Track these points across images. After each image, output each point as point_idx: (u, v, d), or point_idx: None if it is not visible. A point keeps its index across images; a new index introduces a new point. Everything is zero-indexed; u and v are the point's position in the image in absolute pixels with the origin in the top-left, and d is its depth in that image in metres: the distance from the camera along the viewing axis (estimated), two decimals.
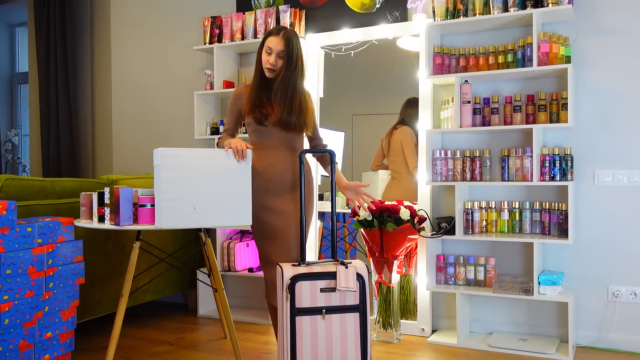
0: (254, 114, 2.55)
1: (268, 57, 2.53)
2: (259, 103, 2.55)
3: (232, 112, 2.68)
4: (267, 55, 2.53)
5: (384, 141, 3.75)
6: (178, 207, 2.48)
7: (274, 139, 2.57)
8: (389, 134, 3.71)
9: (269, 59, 2.52)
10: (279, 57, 2.51)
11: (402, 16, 3.55)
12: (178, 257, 3.63)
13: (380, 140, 3.77)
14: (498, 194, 3.33)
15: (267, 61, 2.53)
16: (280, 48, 2.50)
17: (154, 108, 4.58)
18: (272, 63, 2.51)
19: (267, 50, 2.53)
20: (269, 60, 2.52)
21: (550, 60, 3.03)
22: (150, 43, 4.59)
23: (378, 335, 3.31)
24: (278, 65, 2.52)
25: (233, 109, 2.67)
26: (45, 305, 2.59)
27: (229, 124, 2.69)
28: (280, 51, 2.51)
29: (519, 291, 3.06)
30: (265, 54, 2.54)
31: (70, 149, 4.86)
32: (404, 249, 3.28)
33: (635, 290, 3.07)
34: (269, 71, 2.54)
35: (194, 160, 2.50)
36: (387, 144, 3.72)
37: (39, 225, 2.57)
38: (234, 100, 2.67)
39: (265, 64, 2.53)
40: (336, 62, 3.79)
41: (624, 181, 3.10)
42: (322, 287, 2.38)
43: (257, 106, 2.55)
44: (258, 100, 2.56)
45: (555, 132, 3.22)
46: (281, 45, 2.50)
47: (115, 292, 3.38)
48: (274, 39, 2.52)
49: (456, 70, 3.32)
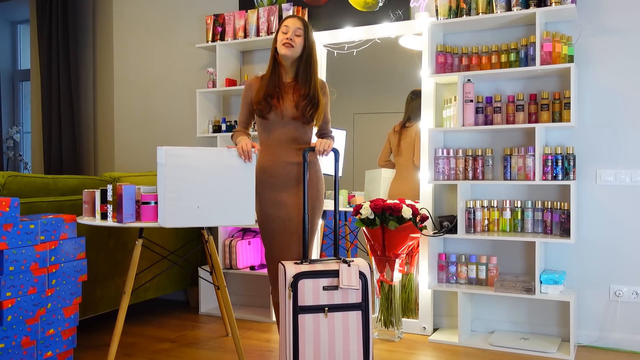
0: (258, 105, 2.53)
1: (284, 35, 2.50)
2: (271, 91, 2.52)
3: (244, 104, 2.67)
4: (284, 34, 2.50)
5: (392, 137, 3.71)
6: (182, 206, 2.48)
7: (282, 133, 2.56)
8: (398, 130, 3.67)
9: (285, 35, 2.49)
10: (296, 34, 2.49)
11: (404, 15, 3.55)
12: (180, 254, 3.63)
13: (388, 135, 3.74)
14: (500, 193, 3.33)
15: (284, 38, 2.48)
16: (297, 25, 2.50)
17: (156, 106, 4.58)
18: (290, 37, 2.48)
19: (284, 30, 2.51)
20: (286, 35, 2.48)
21: (553, 60, 3.03)
22: (152, 40, 4.59)
23: (380, 334, 3.31)
24: (296, 42, 2.49)
25: (245, 101, 2.67)
26: (47, 302, 2.59)
27: (242, 116, 2.69)
28: (297, 28, 2.49)
29: (521, 290, 3.06)
30: (281, 34, 2.51)
31: (72, 147, 4.87)
32: (406, 248, 3.28)
33: (636, 289, 3.07)
34: (285, 46, 2.49)
35: (198, 159, 2.50)
36: (396, 141, 3.68)
37: (42, 222, 2.57)
38: (245, 92, 2.66)
39: (282, 39, 2.49)
40: (338, 60, 3.79)
41: (627, 181, 3.10)
42: (324, 285, 2.39)
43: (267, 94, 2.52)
44: (270, 87, 2.53)
45: (558, 132, 3.22)
46: (298, 24, 2.50)
47: (117, 289, 3.39)
48: (291, 19, 2.53)
49: (459, 69, 3.32)
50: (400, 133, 3.66)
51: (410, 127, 3.61)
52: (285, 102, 2.54)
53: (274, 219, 2.58)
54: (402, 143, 3.65)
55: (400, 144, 3.66)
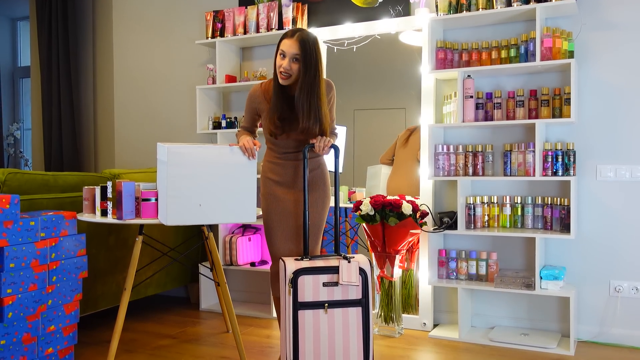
0: (271, 128, 2.49)
1: (282, 61, 2.39)
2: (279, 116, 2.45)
3: (248, 112, 2.66)
4: (281, 59, 2.39)
5: (402, 133, 3.68)
6: (184, 204, 2.49)
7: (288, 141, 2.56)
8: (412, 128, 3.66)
9: (282, 63, 2.38)
10: (293, 60, 2.37)
11: (404, 10, 3.55)
12: (180, 251, 3.64)
13: (398, 136, 3.71)
14: (500, 188, 3.33)
15: (280, 65, 2.38)
16: (294, 51, 2.35)
17: (156, 102, 4.58)
18: (286, 67, 2.37)
19: (281, 53, 2.39)
20: (282, 64, 2.38)
21: (553, 55, 3.03)
22: (152, 37, 4.59)
23: (380, 330, 3.32)
24: (293, 70, 2.38)
25: (249, 109, 2.65)
26: (48, 299, 2.60)
27: (246, 122, 2.68)
28: (295, 54, 2.36)
29: (521, 286, 3.07)
30: (279, 58, 2.40)
31: (72, 143, 4.87)
32: (406, 244, 3.28)
33: (636, 285, 3.07)
34: (282, 77, 2.39)
35: (200, 157, 2.51)
36: (406, 136, 3.65)
37: (42, 219, 2.58)
38: (249, 102, 2.63)
39: (279, 69, 2.39)
40: (338, 56, 3.78)
41: (627, 176, 3.09)
42: (324, 281, 2.39)
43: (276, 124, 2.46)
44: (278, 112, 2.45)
45: (558, 127, 3.22)
46: (295, 48, 2.35)
47: (117, 286, 3.39)
48: (288, 41, 2.38)
49: (459, 65, 3.31)
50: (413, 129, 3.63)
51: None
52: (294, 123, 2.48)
53: (278, 214, 2.59)
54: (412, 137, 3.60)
55: (409, 138, 3.62)
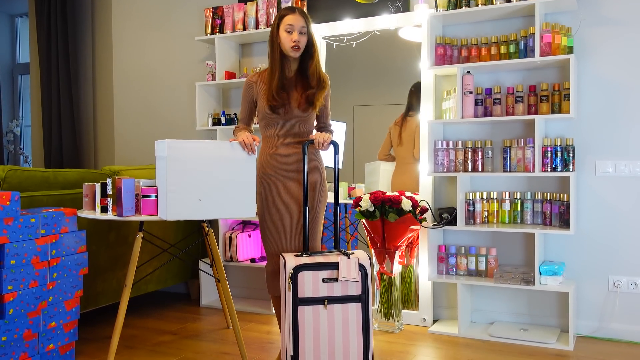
0: (273, 101, 2.51)
1: (289, 35, 2.48)
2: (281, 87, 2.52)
3: (245, 101, 2.68)
4: (289, 34, 2.48)
5: (393, 129, 3.71)
6: (183, 199, 2.49)
7: (284, 127, 2.57)
8: (399, 122, 3.67)
9: (292, 37, 2.48)
10: (301, 33, 2.49)
11: (404, 6, 3.54)
12: (180, 247, 3.64)
13: (389, 129, 3.74)
14: (499, 184, 3.33)
15: (290, 40, 2.48)
16: (301, 24, 2.49)
17: (156, 99, 4.58)
18: (296, 39, 2.48)
19: (287, 29, 2.48)
20: (292, 38, 2.48)
21: (552, 51, 3.03)
22: (151, 33, 4.58)
23: (380, 325, 3.33)
24: (302, 42, 2.50)
25: (246, 98, 2.67)
26: (49, 295, 2.61)
27: (243, 113, 2.70)
28: (302, 27, 2.49)
29: (520, 281, 3.07)
30: (285, 34, 2.49)
31: (72, 140, 4.87)
32: (406, 240, 3.29)
33: (636, 280, 3.08)
34: (294, 49, 2.49)
35: (199, 152, 2.51)
36: (398, 132, 3.67)
37: (42, 216, 2.58)
38: (246, 89, 2.66)
39: (289, 43, 2.48)
40: (338, 52, 3.78)
41: (626, 172, 3.10)
42: (324, 277, 2.40)
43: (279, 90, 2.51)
44: (280, 83, 2.52)
45: (557, 123, 3.22)
46: (301, 21, 2.49)
47: (118, 282, 3.40)
48: (293, 16, 2.50)
49: (458, 61, 3.31)
50: (402, 124, 3.66)
51: (411, 118, 3.61)
52: (293, 96, 2.55)
53: (275, 210, 2.59)
54: (404, 135, 3.65)
55: (402, 135, 3.66)
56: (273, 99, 2.52)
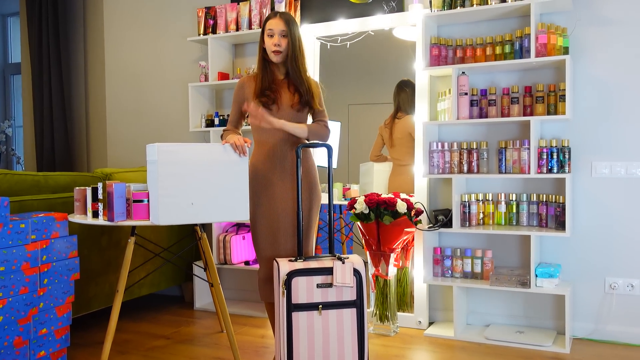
0: (262, 97, 2.53)
1: (271, 39, 2.52)
2: (268, 86, 2.54)
3: (235, 103, 2.67)
4: (270, 38, 2.53)
5: (383, 131, 3.69)
6: (175, 203, 2.46)
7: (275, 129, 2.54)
8: (389, 123, 3.66)
9: (272, 40, 2.52)
10: (282, 36, 2.51)
11: (398, 6, 3.51)
12: (174, 250, 3.61)
13: (379, 129, 3.72)
14: (495, 186, 3.31)
15: (271, 43, 2.52)
16: (281, 28, 2.51)
17: (148, 99, 4.54)
18: (277, 43, 2.50)
19: (269, 33, 2.53)
20: (273, 42, 2.51)
21: (548, 52, 3.00)
22: (144, 33, 4.54)
23: (375, 328, 3.31)
24: (283, 45, 2.51)
25: (237, 99, 2.66)
26: (40, 302, 2.57)
27: (233, 115, 2.69)
28: (282, 31, 2.51)
29: (516, 284, 3.05)
30: (267, 38, 2.54)
31: (64, 141, 4.83)
32: (401, 242, 3.27)
33: (632, 282, 3.07)
34: (275, 54, 2.52)
35: (190, 156, 2.48)
36: (388, 134, 3.66)
37: (33, 221, 2.55)
38: (237, 90, 2.66)
39: (270, 47, 2.52)
40: (332, 51, 3.75)
41: (622, 173, 3.08)
42: (318, 282, 2.37)
43: (265, 89, 2.54)
44: (266, 83, 2.55)
45: (553, 124, 3.20)
46: (282, 25, 2.51)
47: (110, 286, 3.36)
48: (273, 20, 2.53)
49: (453, 62, 3.29)
50: (391, 126, 3.64)
51: (401, 119, 3.58)
52: (282, 95, 2.56)
53: (268, 214, 2.56)
54: (395, 136, 3.62)
55: (393, 137, 3.64)
56: (261, 95, 2.53)
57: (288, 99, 2.55)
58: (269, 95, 2.52)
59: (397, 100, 3.60)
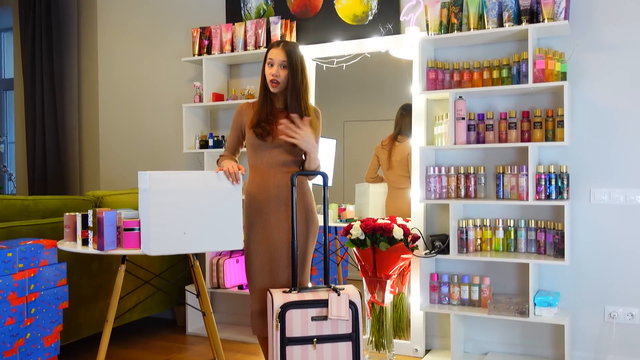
0: (257, 128, 2.49)
1: (270, 69, 2.49)
2: (264, 117, 2.51)
3: (233, 129, 2.64)
4: (269, 67, 2.50)
5: (380, 152, 3.65)
6: (167, 233, 2.41)
7: (271, 156, 2.51)
8: (387, 145, 3.61)
9: (271, 70, 2.49)
10: (281, 67, 2.48)
11: (394, 29, 3.48)
12: (166, 276, 3.54)
13: (375, 150, 3.68)
14: (493, 211, 3.27)
15: (270, 73, 2.49)
16: (281, 58, 2.47)
17: (142, 119, 4.48)
18: (275, 74, 2.47)
19: (269, 62, 2.50)
20: (271, 72, 2.48)
21: (546, 77, 2.97)
22: (138, 52, 4.49)
23: (371, 357, 3.24)
24: (281, 76, 2.48)
25: (235, 126, 2.63)
26: (26, 332, 2.51)
27: (230, 142, 2.66)
28: (282, 61, 2.47)
29: (515, 313, 3.00)
30: (267, 67, 2.51)
31: (57, 158, 4.76)
32: (398, 269, 3.21)
33: (632, 311, 3.02)
34: (272, 84, 2.49)
35: (183, 184, 2.43)
36: (387, 156, 3.62)
37: (20, 249, 2.49)
38: (235, 117, 2.63)
39: (269, 77, 2.49)
40: (328, 70, 3.70)
41: (621, 200, 3.04)
42: (313, 315, 2.32)
43: (261, 120, 2.50)
44: (264, 114, 2.51)
45: (551, 149, 3.16)
46: (282, 56, 2.48)
47: (101, 312, 3.29)
48: (275, 50, 2.50)
49: (450, 86, 3.25)
50: (391, 148, 3.60)
51: (402, 143, 3.55)
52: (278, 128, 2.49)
53: (264, 243, 2.50)
54: (393, 159, 3.58)
55: (391, 159, 3.59)
56: (256, 127, 2.50)
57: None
58: (264, 127, 2.48)
59: (401, 123, 3.56)
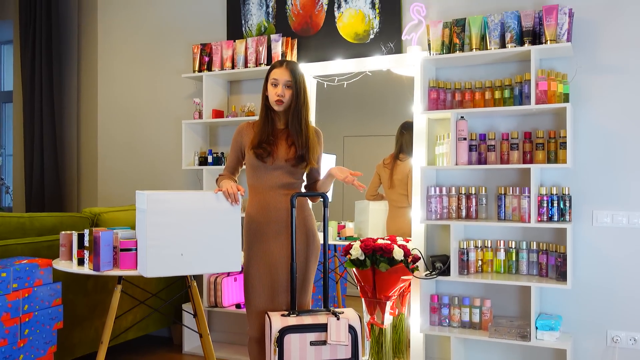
0: (257, 149, 2.47)
1: (275, 89, 2.48)
2: (265, 138, 2.48)
3: (233, 149, 2.62)
4: (274, 87, 2.48)
5: (381, 170, 3.62)
6: (165, 254, 2.36)
7: (271, 178, 2.48)
8: (389, 164, 3.59)
9: (276, 90, 2.47)
10: (286, 87, 2.47)
11: (396, 48, 3.47)
12: (162, 295, 3.49)
13: (376, 168, 3.65)
14: (494, 232, 3.23)
15: (275, 93, 2.47)
16: (286, 78, 2.47)
17: (141, 135, 4.46)
18: (280, 94, 2.46)
19: (273, 82, 2.48)
20: (276, 92, 2.47)
21: (548, 99, 2.95)
22: (138, 68, 4.48)
23: None
24: (287, 96, 2.47)
25: (235, 146, 2.61)
26: (19, 354, 2.46)
27: (230, 161, 2.64)
28: (287, 81, 2.47)
29: (516, 337, 2.96)
30: (271, 87, 2.49)
31: (54, 172, 4.72)
32: (397, 290, 3.17)
33: (635, 335, 2.98)
34: (277, 103, 2.48)
35: (181, 204, 2.39)
36: (388, 175, 3.59)
37: (15, 269, 2.45)
38: (235, 137, 2.60)
39: (274, 97, 2.47)
40: (329, 88, 3.68)
41: (623, 222, 3.01)
42: (312, 340, 2.28)
43: (262, 141, 2.48)
44: (265, 135, 2.49)
45: (553, 171, 3.14)
46: (287, 75, 2.47)
47: (96, 331, 3.24)
48: (279, 70, 2.49)
49: (452, 105, 3.23)
50: (392, 167, 3.57)
51: (403, 161, 3.52)
52: (279, 148, 2.49)
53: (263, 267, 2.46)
54: (395, 178, 3.55)
55: (393, 178, 3.57)
56: (257, 147, 2.47)
57: (284, 153, 2.49)
58: (265, 148, 2.46)
59: (400, 141, 3.54)
